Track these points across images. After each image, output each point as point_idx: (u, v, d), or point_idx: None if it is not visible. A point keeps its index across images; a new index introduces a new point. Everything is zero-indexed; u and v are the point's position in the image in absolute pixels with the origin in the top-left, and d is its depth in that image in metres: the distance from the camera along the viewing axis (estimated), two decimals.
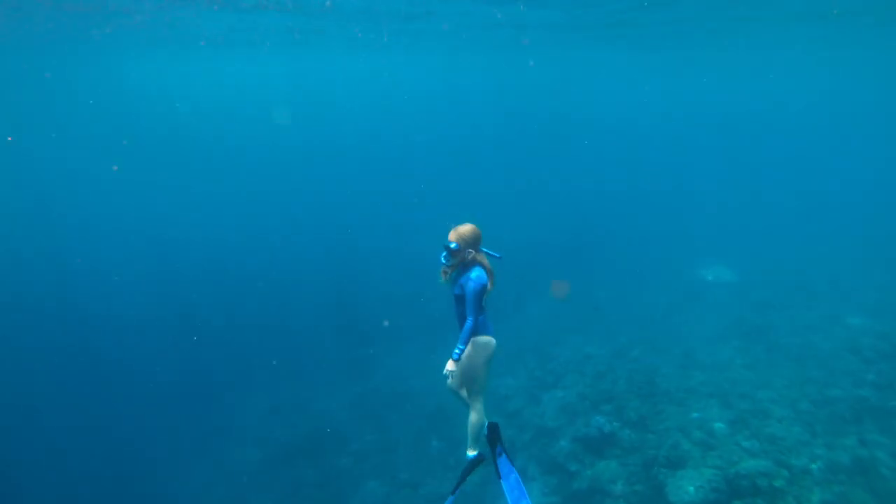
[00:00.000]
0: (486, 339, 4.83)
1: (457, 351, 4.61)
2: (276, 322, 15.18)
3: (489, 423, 5.30)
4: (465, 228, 4.64)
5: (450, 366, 4.63)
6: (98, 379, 12.98)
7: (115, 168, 25.98)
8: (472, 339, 4.74)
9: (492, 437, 5.31)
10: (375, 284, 16.63)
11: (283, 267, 18.25)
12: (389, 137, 39.85)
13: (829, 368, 10.75)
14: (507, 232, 4.76)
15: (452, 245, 4.57)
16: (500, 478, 5.23)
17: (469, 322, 4.60)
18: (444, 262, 4.71)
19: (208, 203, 25.23)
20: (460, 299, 4.75)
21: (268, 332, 14.85)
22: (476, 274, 4.57)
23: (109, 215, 23.55)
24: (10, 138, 30.86)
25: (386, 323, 13.59)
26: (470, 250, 4.62)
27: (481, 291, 4.59)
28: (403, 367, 13.83)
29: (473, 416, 5.08)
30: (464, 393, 5.14)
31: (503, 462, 5.32)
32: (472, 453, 5.13)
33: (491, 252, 4.72)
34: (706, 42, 16.27)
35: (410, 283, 15.15)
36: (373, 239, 20.04)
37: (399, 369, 13.79)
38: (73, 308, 15.88)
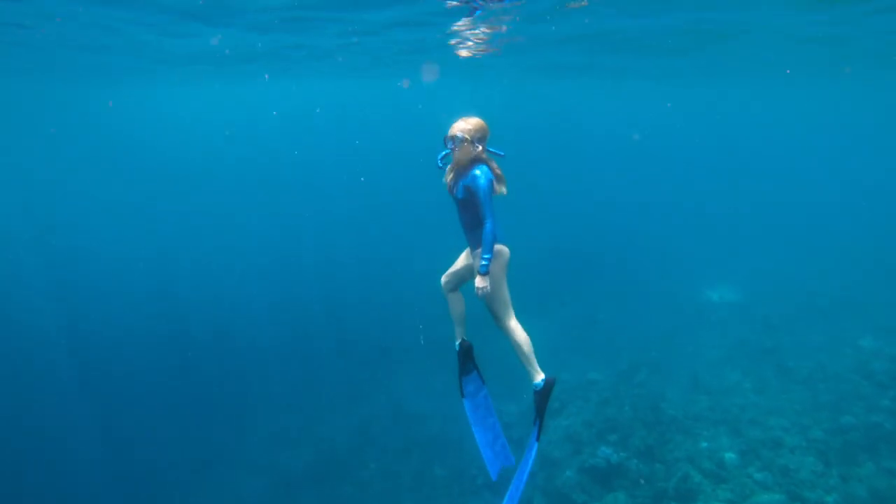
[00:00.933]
0: (498, 248, 4.30)
1: (484, 263, 4.07)
2: (276, 345, 15.01)
3: (462, 342, 4.77)
4: (475, 120, 4.11)
5: (480, 283, 4.10)
6: (99, 402, 12.85)
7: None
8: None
9: (463, 354, 4.76)
10: (377, 307, 16.46)
11: (283, 290, 18.12)
12: (391, 154, 39.90)
13: (841, 393, 10.52)
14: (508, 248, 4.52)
15: (459, 136, 4.04)
16: (462, 396, 4.75)
17: (488, 224, 4.06)
18: (441, 165, 4.30)
19: (206, 225, 25.21)
20: (466, 204, 4.25)
21: (268, 355, 14.68)
22: (480, 170, 4.09)
23: (110, 236, 23.60)
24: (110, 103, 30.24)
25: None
26: (478, 145, 4.11)
27: (491, 187, 4.11)
28: (406, 390, 13.61)
29: (518, 337, 4.42)
30: (456, 305, 4.63)
31: (471, 380, 4.81)
32: (538, 380, 4.43)
33: (495, 150, 4.26)
34: (711, 69, 16.22)
35: (413, 305, 14.97)
36: (374, 261, 19.92)
37: (401, 393, 13.57)
38: (74, 332, 15.78)
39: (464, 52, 13.03)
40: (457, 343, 4.83)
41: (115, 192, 30.82)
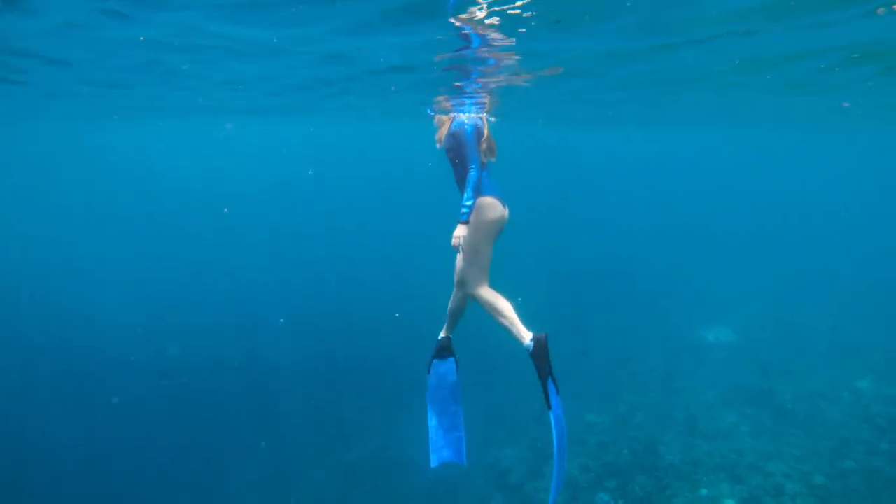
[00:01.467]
0: (491, 200, 4.07)
1: (464, 210, 3.87)
2: (259, 383, 14.69)
3: (446, 338, 4.61)
4: None
5: (459, 231, 3.89)
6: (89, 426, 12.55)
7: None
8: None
9: (441, 348, 4.56)
10: (370, 348, 16.27)
11: (274, 325, 17.90)
12: (390, 192, 40.25)
13: (840, 437, 10.37)
14: (503, 289, 4.51)
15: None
16: (428, 373, 4.62)
17: (473, 170, 3.89)
18: (431, 113, 4.45)
19: (202, 261, 25.18)
20: (454, 155, 4.17)
21: (250, 393, 14.34)
22: (467, 116, 4.12)
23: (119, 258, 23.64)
24: None
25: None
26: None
27: (476, 133, 4.07)
28: (398, 434, 13.31)
29: (495, 303, 4.07)
30: (457, 301, 4.34)
31: (445, 364, 4.63)
32: (528, 342, 3.97)
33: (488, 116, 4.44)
34: (706, 114, 16.67)
35: (407, 347, 14.82)
36: (367, 297, 19.83)
37: (394, 436, 13.27)
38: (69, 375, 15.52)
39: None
40: (440, 335, 4.66)
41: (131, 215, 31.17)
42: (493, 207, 4.10)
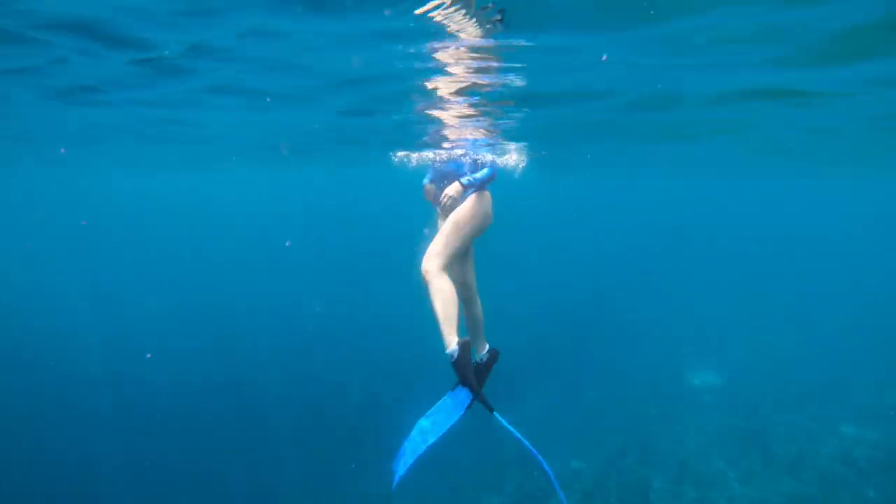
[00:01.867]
0: (489, 197, 4.27)
1: (472, 179, 4.03)
2: (250, 425, 14.27)
3: (490, 351, 4.44)
4: None
5: (455, 191, 4.00)
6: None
7: None
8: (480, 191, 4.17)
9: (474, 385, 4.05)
10: (359, 385, 15.98)
11: (260, 365, 17.55)
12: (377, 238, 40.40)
13: (828, 482, 10.35)
14: (488, 334, 4.47)
15: None
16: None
17: (494, 164, 4.44)
18: None
19: (188, 300, 24.91)
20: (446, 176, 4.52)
21: (242, 435, 13.90)
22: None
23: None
24: None
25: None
26: None
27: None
28: (390, 475, 12.87)
29: (445, 294, 3.70)
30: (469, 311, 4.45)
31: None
32: (451, 348, 3.62)
33: None
34: (695, 158, 17.15)
35: (398, 385, 14.57)
36: (357, 338, 19.63)
37: (386, 478, 12.81)
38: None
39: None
40: (481, 354, 4.55)
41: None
42: (489, 207, 4.22)
